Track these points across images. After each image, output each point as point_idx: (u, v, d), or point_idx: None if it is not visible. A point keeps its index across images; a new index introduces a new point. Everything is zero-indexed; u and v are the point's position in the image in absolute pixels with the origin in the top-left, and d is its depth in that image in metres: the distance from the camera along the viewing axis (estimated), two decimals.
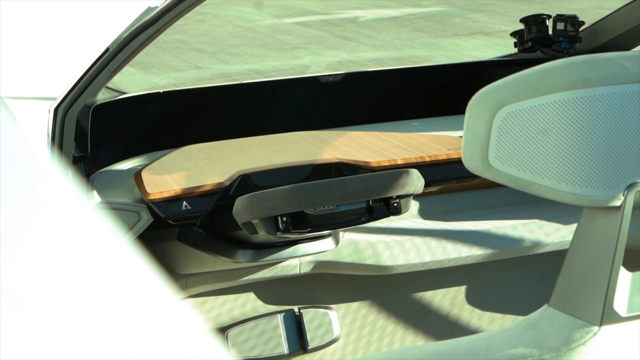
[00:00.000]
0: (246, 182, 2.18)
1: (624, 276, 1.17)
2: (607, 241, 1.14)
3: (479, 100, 1.15)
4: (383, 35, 9.05)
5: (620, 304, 1.16)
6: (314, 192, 2.02)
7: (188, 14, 2.08)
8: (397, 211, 2.13)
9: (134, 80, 7.07)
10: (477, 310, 2.78)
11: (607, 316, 1.16)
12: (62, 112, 2.20)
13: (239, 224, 2.09)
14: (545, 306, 1.23)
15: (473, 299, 2.78)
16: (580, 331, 1.16)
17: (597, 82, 1.11)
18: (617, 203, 1.13)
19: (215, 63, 8.04)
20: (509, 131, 1.13)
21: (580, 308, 1.17)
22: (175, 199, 2.12)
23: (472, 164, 1.17)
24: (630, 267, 1.21)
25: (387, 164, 2.26)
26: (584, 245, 1.18)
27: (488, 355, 1.20)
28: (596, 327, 1.16)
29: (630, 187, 1.12)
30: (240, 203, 2.05)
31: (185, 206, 2.12)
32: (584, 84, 1.10)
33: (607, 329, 1.16)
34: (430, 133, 2.64)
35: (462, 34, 9.12)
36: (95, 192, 2.28)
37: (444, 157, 2.31)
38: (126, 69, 2.32)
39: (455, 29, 9.39)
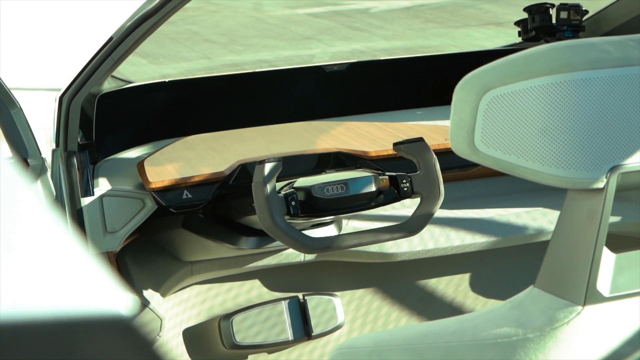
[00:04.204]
0: (246, 172, 2.20)
1: (608, 257, 1.19)
2: (590, 223, 1.16)
3: (465, 85, 1.17)
4: (394, 26, 9.05)
5: (603, 285, 1.18)
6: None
7: (199, 4, 2.09)
8: (407, 195, 2.15)
9: (145, 72, 7.10)
10: (481, 298, 2.80)
11: (591, 296, 1.17)
12: (67, 100, 2.23)
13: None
14: (531, 287, 1.25)
15: (477, 286, 2.80)
16: (564, 311, 1.18)
17: (580, 66, 1.13)
18: (600, 185, 1.15)
19: (227, 54, 8.06)
20: (494, 115, 1.15)
21: (565, 288, 1.19)
22: (176, 188, 2.15)
23: (459, 148, 1.19)
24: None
25: (385, 153, 2.28)
26: (568, 226, 1.20)
27: (474, 335, 1.23)
28: (580, 307, 1.18)
29: (613, 169, 1.14)
30: (256, 205, 2.03)
31: (186, 195, 2.15)
32: (567, 68, 1.12)
33: (590, 308, 1.18)
34: (430, 123, 2.66)
35: (473, 25, 9.12)
36: (100, 180, 2.31)
37: (442, 146, 2.33)
38: (137, 60, 2.34)
39: (467, 19, 9.38)
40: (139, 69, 7.03)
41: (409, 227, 2.12)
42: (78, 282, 0.55)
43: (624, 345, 1.20)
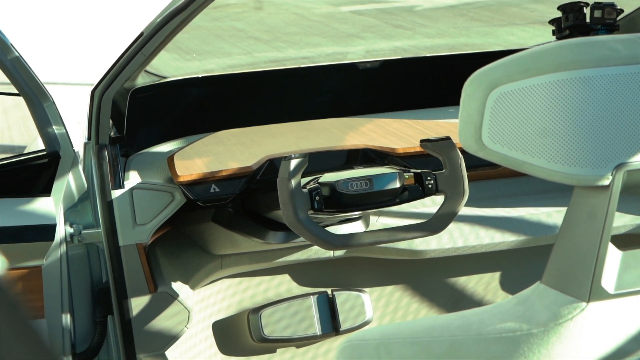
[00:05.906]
0: (274, 167, 2.22)
1: (614, 254, 1.19)
2: (596, 220, 1.17)
3: (474, 81, 1.18)
4: (439, 25, 9.03)
5: (608, 282, 1.19)
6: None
7: (244, 1, 2.10)
8: (431, 193, 2.16)
9: (190, 67, 7.16)
10: (510, 297, 2.79)
11: (595, 293, 1.18)
12: (99, 94, 2.27)
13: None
14: (537, 283, 1.25)
15: (508, 285, 2.79)
16: (568, 307, 1.19)
17: (587, 64, 1.13)
18: (606, 182, 1.15)
19: (270, 50, 8.10)
20: (501, 111, 1.16)
21: (570, 285, 1.20)
22: (203, 182, 2.18)
23: (466, 143, 1.20)
24: None
25: (412, 150, 2.29)
26: (574, 223, 1.21)
27: (479, 329, 1.24)
28: (584, 304, 1.19)
29: (618, 166, 1.14)
30: (280, 200, 2.04)
31: (214, 188, 2.18)
32: (574, 66, 1.13)
33: (594, 305, 1.19)
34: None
35: (518, 24, 9.06)
36: (131, 173, 2.34)
37: None
38: (181, 56, 2.37)
39: (512, 18, 9.32)
40: (184, 65, 7.09)
41: (431, 226, 2.13)
42: None
43: (627, 342, 1.20)
